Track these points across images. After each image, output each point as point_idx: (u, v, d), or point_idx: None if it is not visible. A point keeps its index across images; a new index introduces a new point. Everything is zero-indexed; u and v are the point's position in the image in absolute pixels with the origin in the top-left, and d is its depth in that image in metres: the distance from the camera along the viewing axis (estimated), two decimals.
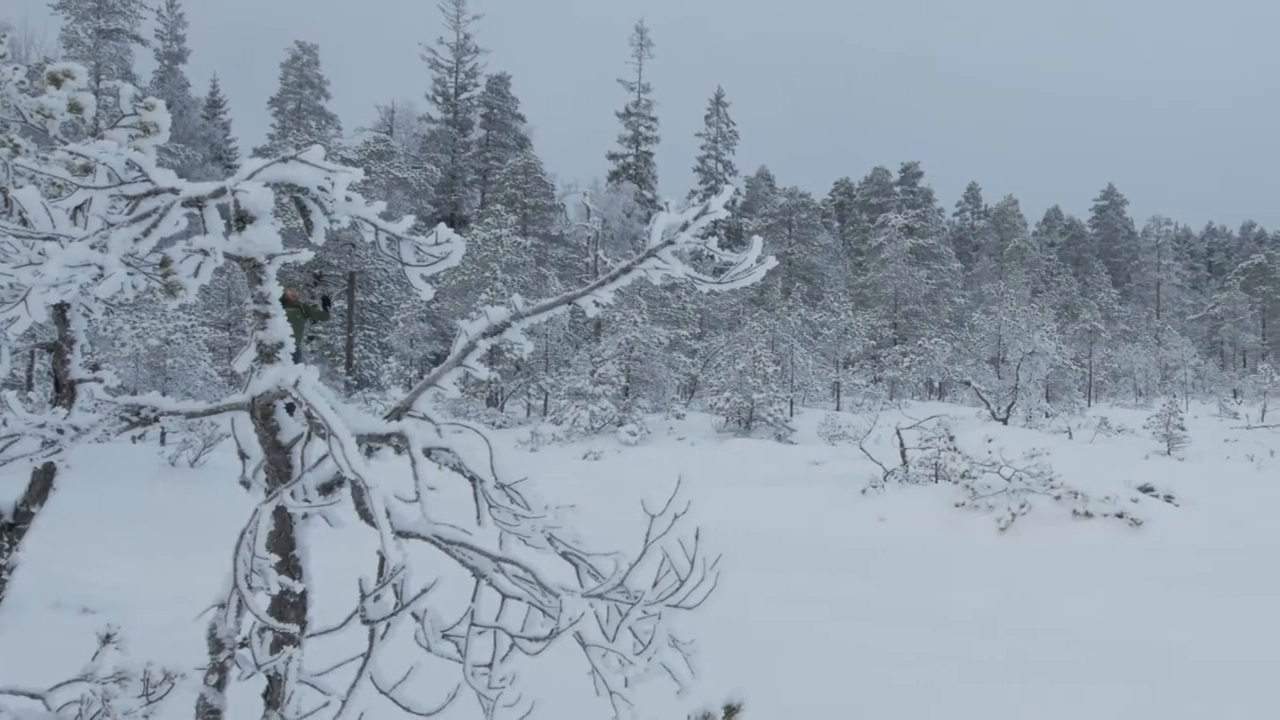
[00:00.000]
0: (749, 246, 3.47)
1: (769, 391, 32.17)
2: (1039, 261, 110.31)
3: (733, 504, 15.36)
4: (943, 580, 11.42)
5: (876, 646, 7.93)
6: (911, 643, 8.12)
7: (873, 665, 7.34)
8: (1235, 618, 9.54)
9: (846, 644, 7.99)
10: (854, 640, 8.12)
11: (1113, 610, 9.98)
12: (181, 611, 3.49)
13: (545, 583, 3.21)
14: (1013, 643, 8.35)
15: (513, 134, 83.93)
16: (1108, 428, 34.15)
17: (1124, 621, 9.42)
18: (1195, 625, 9.21)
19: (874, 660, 7.48)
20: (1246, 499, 17.60)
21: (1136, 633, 8.92)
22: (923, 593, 10.62)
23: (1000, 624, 9.12)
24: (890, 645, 7.99)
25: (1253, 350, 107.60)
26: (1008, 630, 8.86)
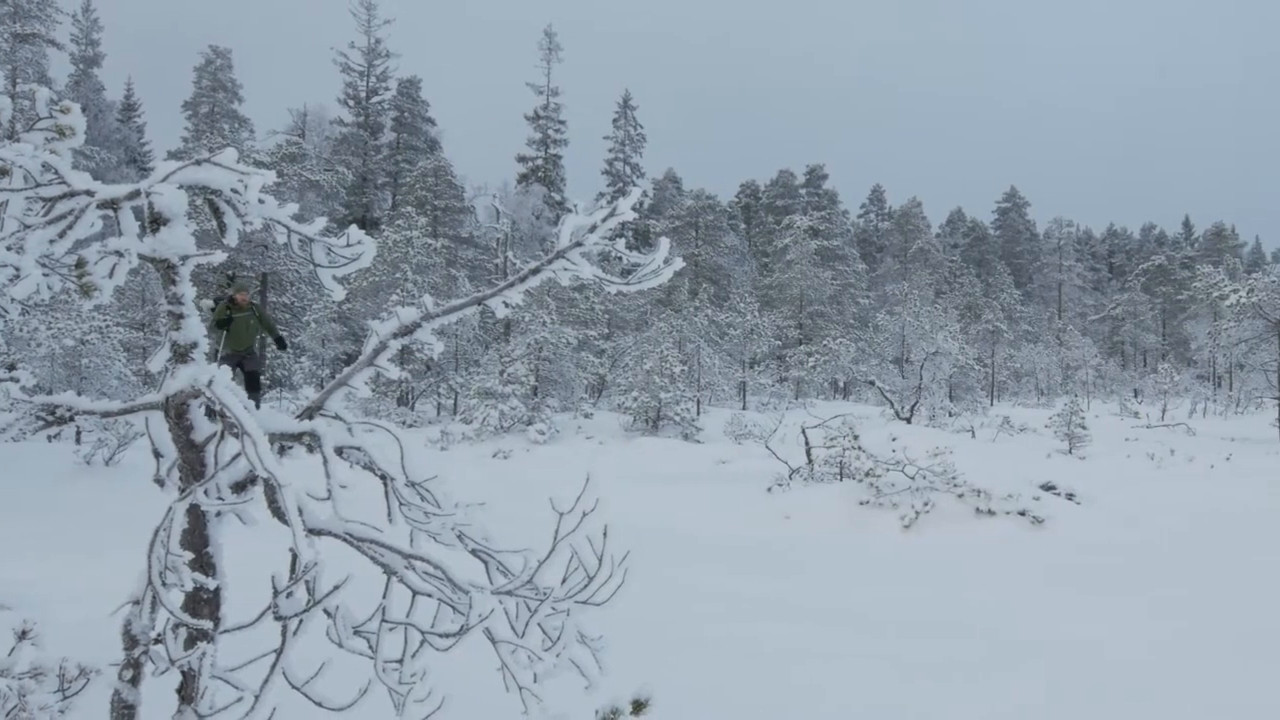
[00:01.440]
0: (656, 248, 3.49)
1: (676, 391, 32.29)
2: (942, 263, 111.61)
3: (640, 502, 15.41)
4: (847, 577, 11.54)
5: (782, 643, 8.02)
6: (816, 639, 8.22)
7: (778, 661, 7.43)
8: (1132, 614, 9.74)
9: (753, 640, 8.07)
10: (760, 636, 8.20)
11: (1013, 607, 10.15)
12: (97, 608, 3.49)
13: (455, 579, 3.24)
14: (915, 639, 8.47)
15: (423, 137, 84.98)
16: (1010, 427, 34.53)
17: (1024, 618, 9.59)
18: (1093, 621, 9.40)
19: (779, 656, 7.57)
20: (1147, 497, 17.91)
21: (1035, 629, 9.08)
22: (827, 590, 10.74)
23: (903, 620, 9.25)
24: (795, 642, 8.09)
25: (1153, 350, 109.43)
26: (910, 626, 8.99)
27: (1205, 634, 8.98)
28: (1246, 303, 37.53)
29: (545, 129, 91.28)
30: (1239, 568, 12.44)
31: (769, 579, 11.07)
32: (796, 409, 43.43)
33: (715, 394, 45.97)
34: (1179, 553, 13.64)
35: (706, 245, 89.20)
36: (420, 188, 68.22)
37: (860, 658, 7.66)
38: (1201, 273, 49.90)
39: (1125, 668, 7.80)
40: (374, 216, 74.38)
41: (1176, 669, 7.76)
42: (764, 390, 52.02)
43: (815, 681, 6.98)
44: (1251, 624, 9.35)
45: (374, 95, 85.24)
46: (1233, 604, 10.32)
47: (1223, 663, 7.93)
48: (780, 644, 7.98)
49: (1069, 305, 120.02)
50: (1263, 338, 37.99)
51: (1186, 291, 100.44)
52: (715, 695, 6.43)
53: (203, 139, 59.96)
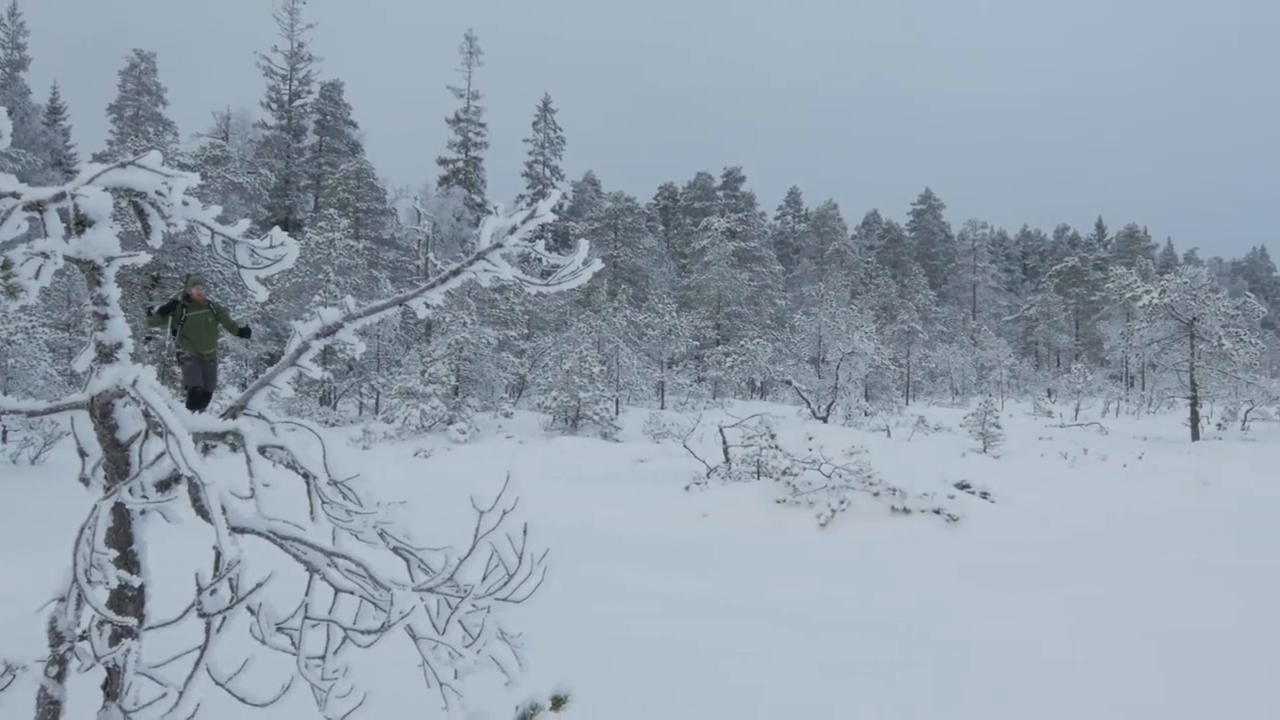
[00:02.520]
0: (576, 249, 3.54)
1: (595, 391, 32.36)
2: (858, 264, 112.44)
3: (560, 501, 15.43)
4: (765, 575, 11.62)
5: (699, 640, 8.08)
6: (736, 636, 8.29)
7: (695, 658, 7.49)
8: (1047, 612, 9.87)
9: (670, 637, 8.13)
10: (677, 634, 8.26)
11: (930, 604, 10.26)
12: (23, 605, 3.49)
13: (377, 577, 3.26)
14: (833, 636, 8.56)
15: (345, 140, 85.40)
16: (925, 426, 34.83)
17: (941, 616, 9.69)
18: (1008, 619, 9.53)
19: (696, 653, 7.64)
20: (1060, 496, 18.17)
21: (953, 627, 9.19)
22: (746, 587, 10.81)
23: (821, 618, 9.34)
24: (715, 639, 8.16)
25: (1066, 351, 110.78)
26: (828, 624, 9.08)
27: (1117, 632, 9.14)
28: (1159, 303, 38.05)
29: (466, 132, 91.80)
30: (1151, 566, 12.64)
31: (688, 576, 11.13)
32: (714, 408, 43.63)
33: (634, 394, 46.10)
34: (1092, 551, 13.83)
35: (625, 247, 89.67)
36: (342, 190, 68.09)
37: (780, 655, 7.74)
38: (1114, 274, 50.67)
39: (1039, 665, 7.94)
40: (297, 218, 74.15)
41: (1090, 666, 7.91)
42: (682, 390, 52.21)
43: (735, 678, 7.05)
44: (1163, 623, 9.53)
45: (297, 99, 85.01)
46: (1144, 603, 10.49)
47: (1134, 661, 8.08)
48: (700, 641, 8.05)
49: (983, 306, 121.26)
50: (1174, 338, 38.53)
51: (1099, 292, 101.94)
52: (636, 692, 6.49)
53: (127, 142, 59.69)
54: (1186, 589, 11.27)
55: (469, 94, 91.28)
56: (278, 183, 74.69)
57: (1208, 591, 11.11)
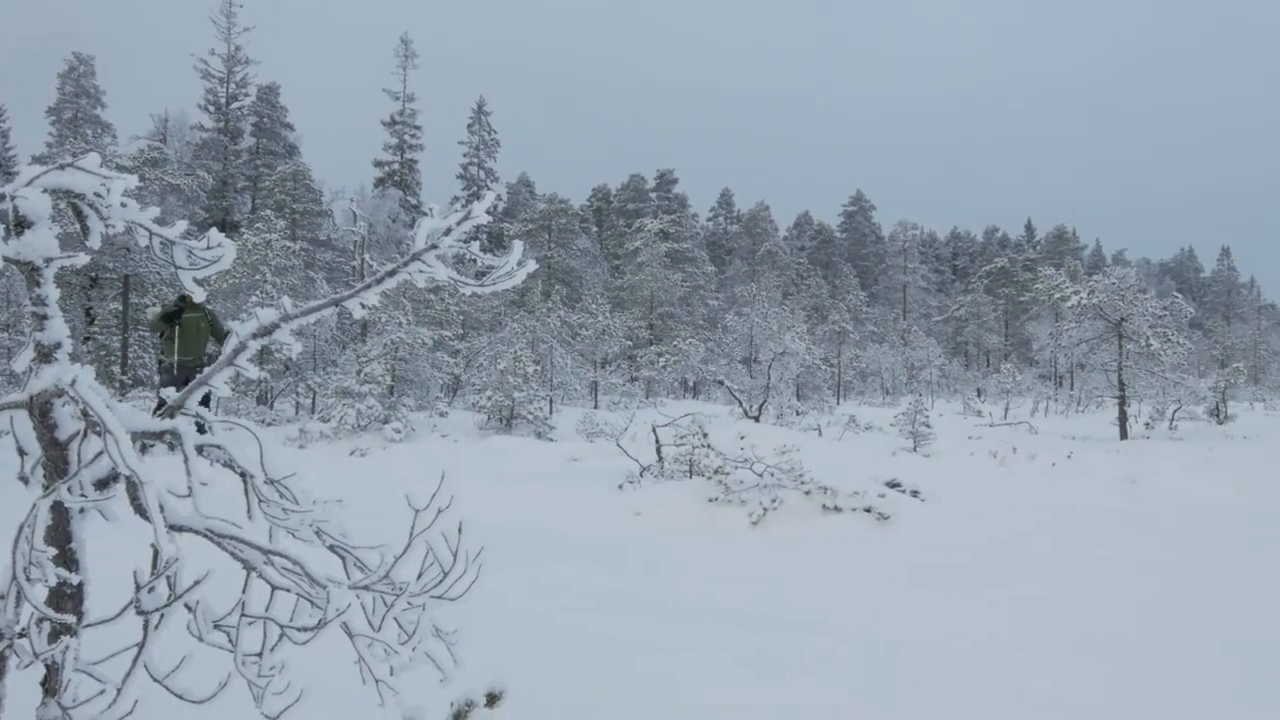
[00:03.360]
0: (510, 250, 3.56)
1: (529, 390, 32.40)
2: (790, 265, 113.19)
3: (495, 499, 15.41)
4: (697, 573, 11.68)
5: (632, 637, 8.13)
6: (669, 634, 8.35)
7: (629, 655, 7.55)
8: (976, 610, 9.98)
9: (604, 635, 8.17)
10: (611, 631, 8.30)
11: (860, 602, 10.34)
12: None
13: (313, 575, 3.29)
14: (762, 633, 8.63)
15: (282, 142, 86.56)
16: (856, 425, 35.03)
17: (870, 613, 9.78)
18: (936, 617, 9.61)
19: (630, 650, 7.69)
20: (991, 494, 18.30)
21: (881, 624, 9.28)
22: (677, 584, 10.87)
23: (751, 615, 9.40)
24: (648, 636, 8.21)
25: (995, 351, 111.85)
26: (758, 621, 9.14)
27: (1050, 630, 9.26)
28: (1087, 304, 38.45)
29: (401, 134, 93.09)
30: (1081, 564, 12.78)
31: (621, 574, 11.17)
32: (647, 408, 43.85)
33: (568, 393, 46.25)
34: (1023, 549, 13.96)
35: (559, 248, 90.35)
36: (279, 192, 68.70)
37: (713, 652, 7.80)
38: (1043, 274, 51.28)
39: (971, 662, 8.03)
40: (234, 220, 74.88)
41: (1022, 664, 8.01)
42: (615, 389, 52.47)
43: (669, 675, 7.11)
44: (1092, 620, 9.66)
45: (234, 101, 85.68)
46: (1077, 600, 10.62)
47: (1068, 658, 8.19)
48: (633, 638, 8.09)
49: (914, 306, 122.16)
50: (1103, 338, 38.95)
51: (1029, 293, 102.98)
52: (569, 689, 6.53)
53: (66, 144, 60.02)
54: (1118, 586, 11.42)
55: (404, 97, 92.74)
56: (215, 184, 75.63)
57: (1139, 589, 11.27)
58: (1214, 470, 21.89)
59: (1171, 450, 28.18)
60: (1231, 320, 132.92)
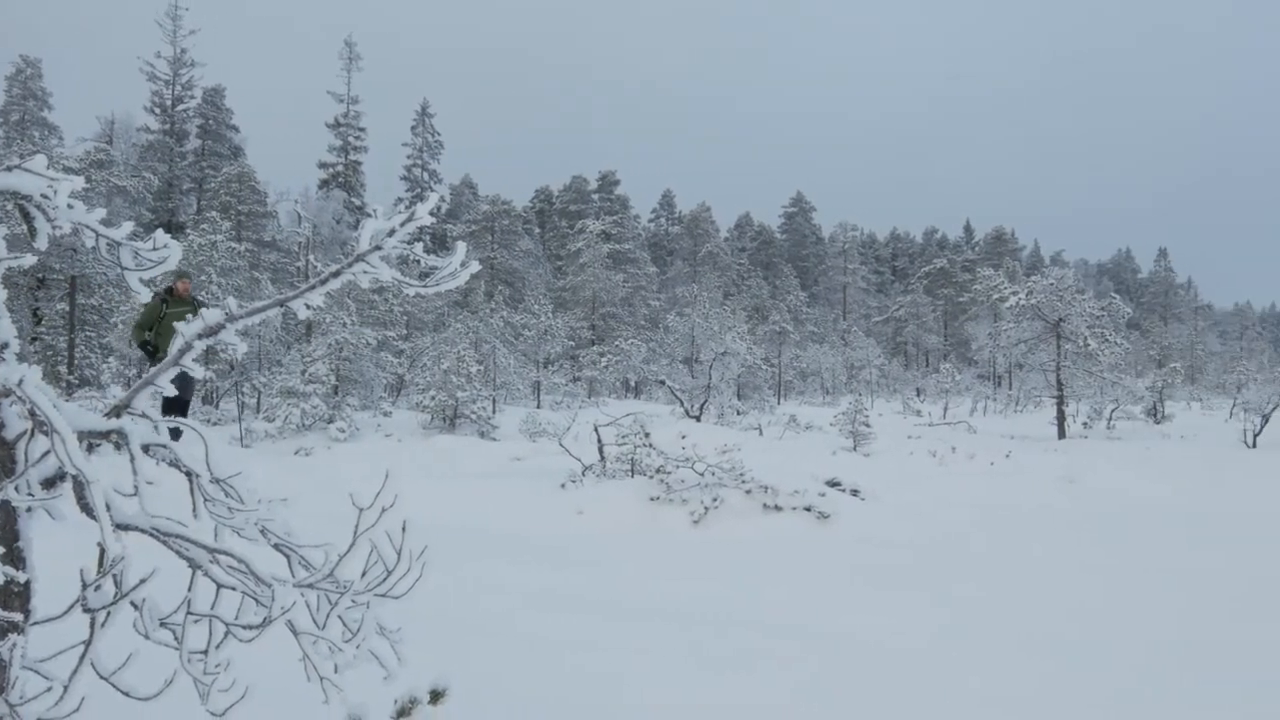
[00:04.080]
0: (453, 251, 3.60)
1: (472, 390, 32.39)
2: (730, 266, 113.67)
3: (438, 498, 15.39)
4: (639, 571, 11.72)
5: (576, 635, 8.16)
6: (612, 631, 8.38)
7: (572, 653, 7.57)
8: (916, 608, 10.08)
9: (549, 632, 8.20)
10: (554, 629, 8.33)
11: (798, 599, 10.41)
12: None
13: (258, 573, 3.32)
14: (703, 630, 8.67)
15: (227, 144, 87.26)
16: (797, 425, 35.15)
17: (811, 611, 9.84)
18: (876, 615, 9.69)
19: (573, 648, 7.72)
20: (930, 493, 18.46)
21: (822, 622, 9.34)
22: (619, 583, 10.90)
23: (693, 613, 9.44)
24: (590, 633, 8.24)
25: (935, 351, 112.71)
26: (700, 619, 9.18)
27: (989, 627, 9.36)
28: (1025, 304, 38.80)
29: (346, 136, 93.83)
30: (1019, 563, 12.92)
31: (564, 572, 11.19)
32: (589, 407, 43.91)
33: (511, 393, 46.24)
34: (961, 548, 14.09)
35: (502, 249, 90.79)
36: (224, 193, 69.32)
37: (655, 650, 7.84)
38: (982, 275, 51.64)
39: (910, 659, 8.11)
40: (179, 221, 75.13)
41: (961, 661, 8.10)
42: (558, 389, 52.57)
43: (612, 673, 7.14)
44: (1029, 619, 9.78)
45: (179, 103, 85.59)
46: (1015, 598, 10.75)
47: (1006, 655, 8.29)
48: (575, 636, 8.12)
49: (853, 307, 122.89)
50: (1041, 338, 39.31)
51: (968, 293, 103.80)
52: (513, 686, 6.56)
53: (13, 146, 59.74)
54: (1055, 585, 11.55)
55: (349, 99, 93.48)
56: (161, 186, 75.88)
57: (1076, 587, 11.40)
58: (1151, 470, 22.17)
59: (1109, 450, 28.48)
60: (1169, 321, 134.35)
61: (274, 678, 4.03)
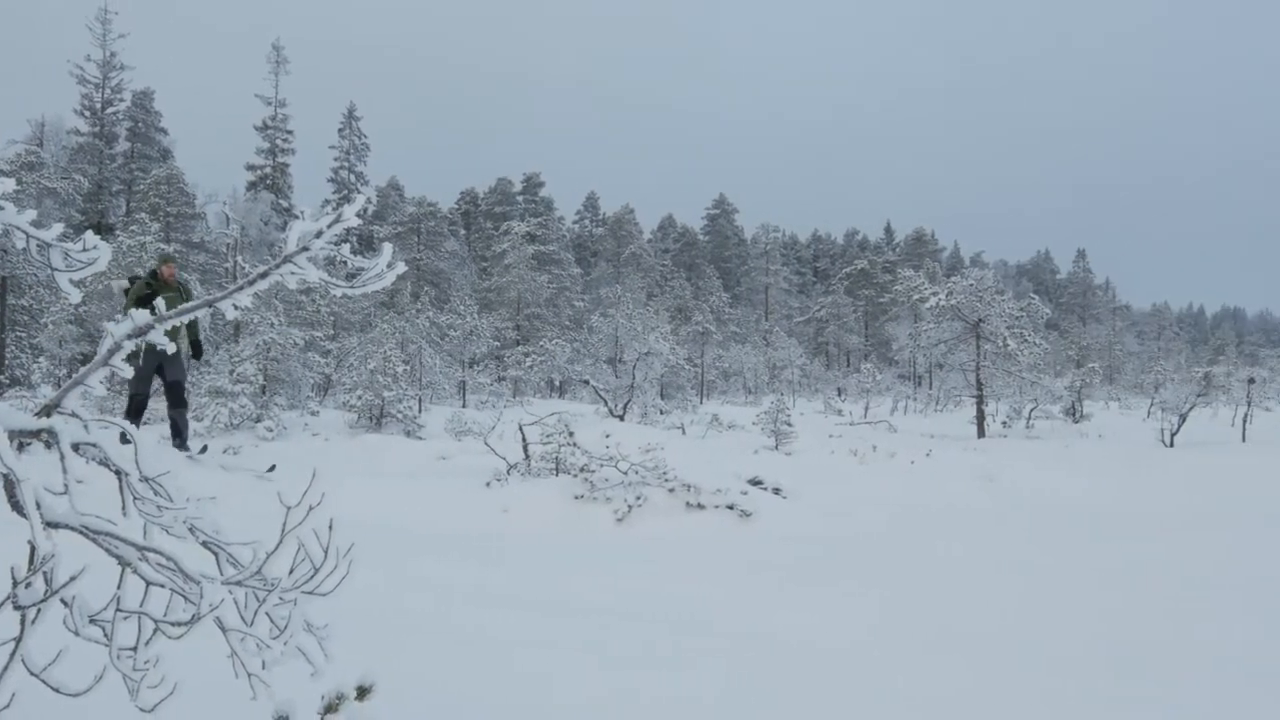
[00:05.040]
0: (380, 253, 3.61)
1: (399, 390, 32.40)
2: (654, 267, 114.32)
3: (365, 496, 15.34)
4: (564, 568, 11.75)
5: (502, 632, 8.19)
6: (535, 628, 8.41)
7: (498, 649, 7.60)
8: (836, 606, 10.15)
9: (475, 629, 8.22)
10: (481, 626, 8.35)
11: (720, 597, 10.47)
12: None
13: (187, 570, 3.33)
14: (627, 627, 8.72)
15: (156, 146, 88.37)
16: (719, 424, 35.22)
17: (730, 608, 9.91)
18: (799, 612, 9.74)
19: (500, 645, 7.74)
20: (850, 491, 18.60)
21: (745, 619, 9.41)
22: (545, 580, 10.93)
23: (618, 610, 9.48)
24: (515, 631, 8.27)
25: (856, 351, 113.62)
26: (625, 616, 9.22)
27: (910, 625, 9.45)
28: (945, 305, 39.13)
29: (273, 139, 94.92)
30: (940, 560, 13.06)
31: (489, 570, 11.21)
32: (514, 407, 43.98)
33: (436, 392, 46.31)
34: (883, 545, 14.22)
35: (428, 250, 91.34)
36: (153, 195, 70.06)
37: (576, 646, 7.88)
38: (903, 276, 52.03)
39: (832, 656, 8.16)
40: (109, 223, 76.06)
41: (883, 658, 8.17)
42: (483, 389, 52.64)
43: (537, 669, 7.17)
44: (948, 615, 9.88)
45: (109, 106, 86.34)
46: (937, 595, 10.85)
47: (927, 653, 8.36)
48: (502, 632, 8.15)
49: (775, 307, 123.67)
50: (961, 338, 39.65)
51: (888, 294, 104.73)
52: (440, 682, 6.58)
53: None
54: (976, 582, 11.68)
55: (276, 102, 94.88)
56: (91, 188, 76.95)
57: (998, 584, 11.54)
58: (1069, 468, 22.45)
59: (1028, 449, 28.80)
60: (1087, 321, 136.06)
61: (203, 674, 4.05)
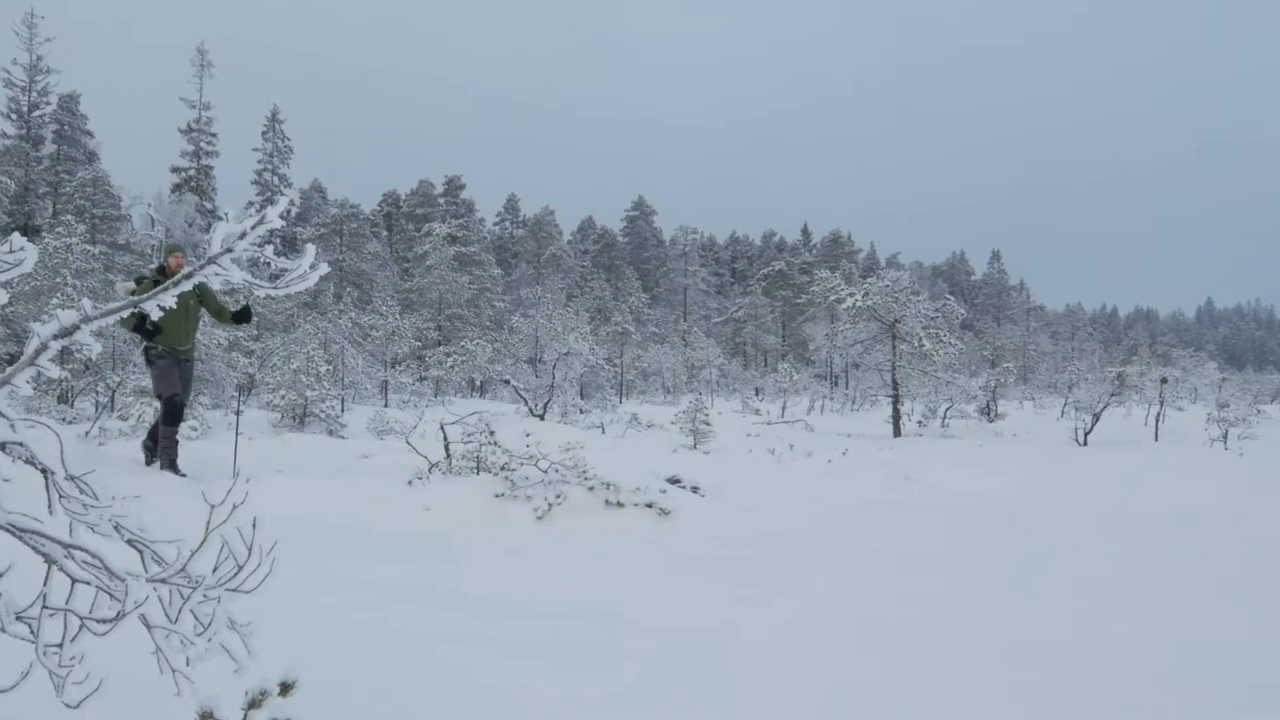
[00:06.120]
0: (303, 254, 3.60)
1: (322, 389, 32.37)
2: (574, 268, 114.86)
3: (289, 495, 15.27)
4: (486, 566, 11.80)
5: (425, 628, 8.24)
6: (458, 624, 8.47)
7: (421, 645, 7.66)
8: (755, 602, 10.22)
9: (398, 625, 8.27)
10: (404, 622, 8.40)
11: (639, 593, 10.55)
12: None
13: (113, 568, 3.38)
14: (549, 624, 8.79)
15: (82, 149, 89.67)
16: (638, 423, 35.33)
17: (649, 604, 9.98)
18: (717, 609, 9.82)
19: (423, 640, 7.80)
20: (768, 489, 18.73)
21: (664, 615, 9.49)
22: (468, 577, 10.97)
23: (535, 606, 9.55)
24: (438, 627, 8.32)
25: (773, 351, 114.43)
26: (542, 611, 9.30)
27: (827, 620, 9.55)
28: (862, 306, 39.41)
29: (198, 141, 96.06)
30: (859, 557, 13.15)
31: (412, 567, 11.23)
32: (436, 406, 44.19)
33: (359, 392, 46.31)
34: (802, 543, 14.31)
35: (351, 251, 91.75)
36: (80, 197, 70.81)
37: (497, 641, 7.94)
38: (819, 277, 52.22)
39: (751, 651, 8.26)
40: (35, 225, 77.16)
41: (802, 653, 8.26)
42: (405, 389, 52.73)
43: (459, 663, 7.24)
44: (871, 612, 9.98)
45: (36, 109, 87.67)
46: (854, 592, 10.95)
47: (847, 647, 8.47)
48: (425, 628, 8.21)
49: (694, 308, 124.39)
50: (877, 339, 39.95)
51: (805, 295, 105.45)
52: (364, 676, 6.63)
53: None
54: (895, 578, 11.78)
55: (200, 105, 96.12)
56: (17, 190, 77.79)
57: (916, 580, 11.66)
58: (985, 466, 22.70)
59: (944, 447, 29.13)
60: (1002, 321, 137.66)
61: (128, 670, 4.08)
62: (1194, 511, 17.05)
